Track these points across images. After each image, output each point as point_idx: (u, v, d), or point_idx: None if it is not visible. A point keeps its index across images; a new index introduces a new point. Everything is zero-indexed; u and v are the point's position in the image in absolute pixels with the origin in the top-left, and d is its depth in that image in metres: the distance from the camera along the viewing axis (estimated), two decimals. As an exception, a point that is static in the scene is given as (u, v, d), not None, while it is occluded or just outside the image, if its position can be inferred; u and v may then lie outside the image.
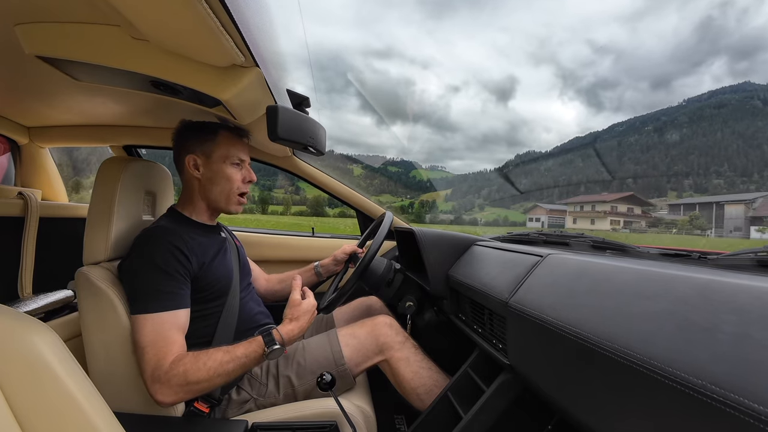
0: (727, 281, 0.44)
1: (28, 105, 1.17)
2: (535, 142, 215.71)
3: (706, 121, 75.93)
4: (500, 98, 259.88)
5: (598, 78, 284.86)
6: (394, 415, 1.26)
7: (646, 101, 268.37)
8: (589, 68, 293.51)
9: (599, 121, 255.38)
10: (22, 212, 1.37)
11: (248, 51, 0.64)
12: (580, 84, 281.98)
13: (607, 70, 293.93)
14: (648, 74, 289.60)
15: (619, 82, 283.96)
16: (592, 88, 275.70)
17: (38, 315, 1.11)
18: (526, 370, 0.71)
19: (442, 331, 1.29)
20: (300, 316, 0.91)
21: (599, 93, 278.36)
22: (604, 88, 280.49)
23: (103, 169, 0.94)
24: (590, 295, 0.59)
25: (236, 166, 1.02)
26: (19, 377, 0.44)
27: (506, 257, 0.95)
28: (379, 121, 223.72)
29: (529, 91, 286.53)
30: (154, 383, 0.78)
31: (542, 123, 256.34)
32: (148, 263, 0.86)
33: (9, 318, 0.46)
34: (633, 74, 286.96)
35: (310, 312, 0.94)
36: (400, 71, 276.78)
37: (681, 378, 0.38)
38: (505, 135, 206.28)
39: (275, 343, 0.84)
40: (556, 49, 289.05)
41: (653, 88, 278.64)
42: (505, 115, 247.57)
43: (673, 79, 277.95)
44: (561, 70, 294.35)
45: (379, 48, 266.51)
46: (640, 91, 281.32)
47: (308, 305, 0.94)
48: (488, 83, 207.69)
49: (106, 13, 0.61)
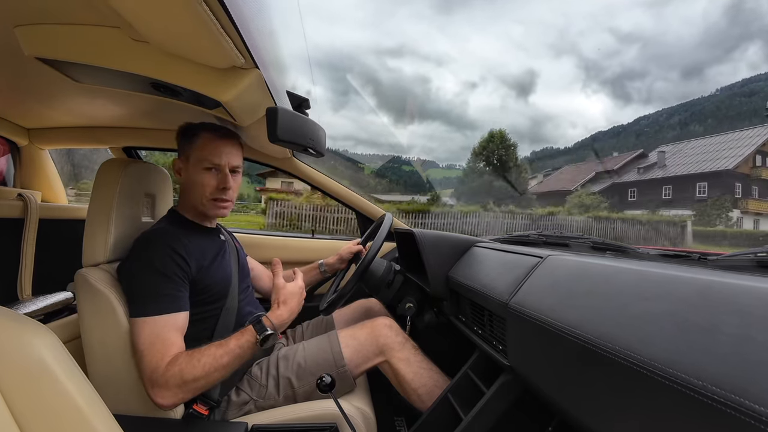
0: (728, 282, 0.44)
1: (28, 107, 1.17)
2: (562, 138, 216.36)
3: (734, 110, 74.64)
4: (520, 93, 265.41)
5: (624, 68, 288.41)
6: (394, 417, 1.26)
7: (678, 92, 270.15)
8: (613, 58, 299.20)
9: (628, 113, 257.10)
10: (22, 214, 1.37)
11: (248, 53, 0.64)
12: (605, 75, 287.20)
13: (633, 60, 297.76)
14: (678, 62, 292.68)
15: (648, 72, 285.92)
16: (617, 79, 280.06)
17: (37, 317, 1.10)
18: (527, 371, 0.71)
19: (441, 333, 1.29)
20: (287, 299, 0.90)
21: (626, 84, 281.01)
22: (631, 79, 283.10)
23: (102, 170, 0.94)
24: (590, 297, 0.59)
25: (208, 170, 0.96)
26: (19, 379, 0.43)
27: (506, 258, 0.95)
28: (397, 120, 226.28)
29: (550, 85, 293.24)
30: (153, 386, 0.78)
31: (567, 118, 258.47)
32: (147, 266, 0.85)
33: (8, 320, 0.46)
34: (662, 63, 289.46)
35: (297, 294, 0.92)
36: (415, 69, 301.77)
37: (682, 379, 0.38)
38: (527, 131, 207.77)
39: (266, 330, 0.83)
40: (576, 39, 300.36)
41: (684, 77, 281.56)
42: (527, 111, 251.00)
43: (706, 67, 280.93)
44: (583, 61, 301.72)
45: (392, 46, 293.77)
46: (671, 81, 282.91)
47: (294, 287, 0.93)
48: (506, 78, 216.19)
49: (106, 15, 0.61)
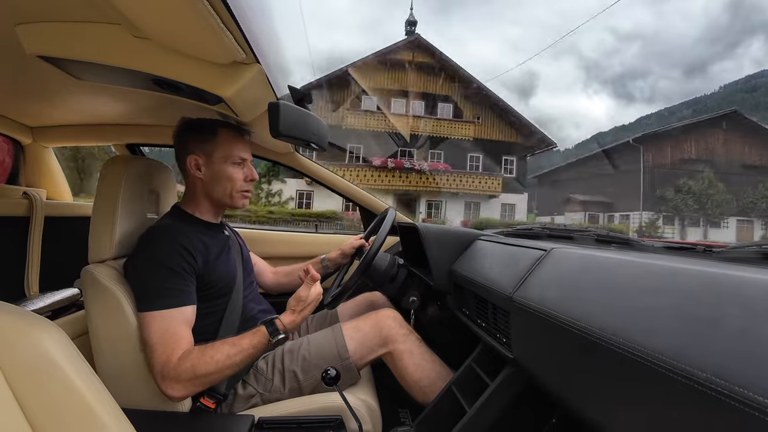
0: (733, 274, 0.44)
1: (31, 105, 1.17)
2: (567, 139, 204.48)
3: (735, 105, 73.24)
4: (521, 96, 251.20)
5: (625, 67, 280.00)
6: (399, 409, 1.27)
7: (682, 90, 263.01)
8: (613, 57, 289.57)
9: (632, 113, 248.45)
10: (28, 212, 1.38)
11: (249, 48, 0.64)
12: (605, 75, 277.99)
13: (634, 58, 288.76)
14: (680, 60, 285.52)
15: (650, 70, 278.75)
16: (619, 78, 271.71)
17: (45, 313, 1.12)
18: (530, 364, 0.71)
19: (445, 326, 1.30)
20: (303, 309, 0.92)
21: (627, 83, 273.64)
22: (632, 78, 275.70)
23: (106, 168, 0.94)
24: (595, 289, 0.59)
25: (237, 165, 1.01)
26: (27, 375, 0.44)
27: (510, 252, 0.94)
28: None
29: (551, 86, 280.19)
30: (164, 379, 0.80)
31: (570, 119, 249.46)
32: (154, 261, 0.86)
33: (16, 316, 0.47)
34: (663, 61, 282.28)
35: (313, 303, 0.95)
36: None
37: (686, 371, 0.38)
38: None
39: (279, 332, 0.87)
40: (574, 38, 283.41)
41: (687, 75, 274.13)
42: (529, 113, 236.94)
43: (709, 64, 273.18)
44: (583, 61, 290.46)
45: None
46: (673, 79, 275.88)
47: (314, 297, 0.94)
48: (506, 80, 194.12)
49: (107, 12, 0.61)
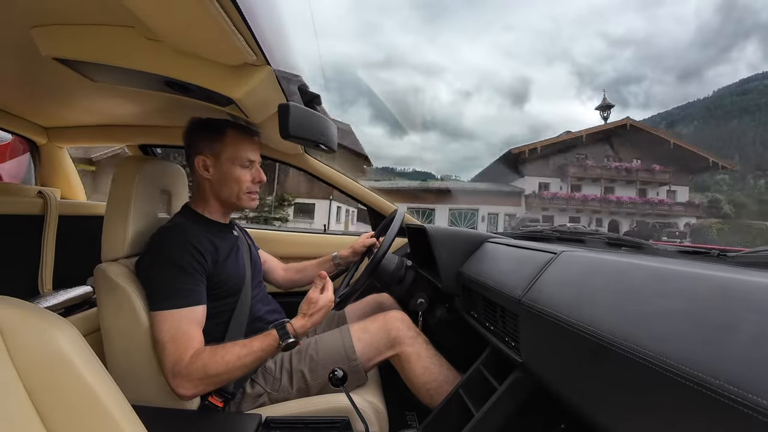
0: (747, 279, 0.43)
1: (46, 106, 1.19)
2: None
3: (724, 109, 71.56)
4: (515, 102, 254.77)
5: (618, 72, 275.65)
6: (406, 411, 1.26)
7: (677, 95, 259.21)
8: (606, 63, 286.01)
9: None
10: (42, 211, 1.41)
11: (259, 49, 0.64)
12: (599, 80, 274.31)
13: (628, 63, 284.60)
14: (674, 65, 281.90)
15: (644, 75, 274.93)
16: (612, 84, 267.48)
17: (58, 310, 1.14)
18: (539, 368, 0.70)
19: (453, 329, 1.29)
20: (314, 313, 0.92)
21: (621, 89, 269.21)
22: (626, 84, 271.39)
23: (119, 168, 0.96)
24: (605, 293, 0.58)
25: (245, 167, 1.01)
26: (40, 371, 0.45)
27: (519, 254, 0.94)
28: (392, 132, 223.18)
29: (544, 93, 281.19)
30: (175, 378, 0.81)
31: (565, 125, 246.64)
32: (165, 260, 0.87)
33: (30, 313, 0.48)
34: (657, 66, 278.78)
35: (325, 308, 0.94)
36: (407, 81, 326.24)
37: (698, 378, 0.37)
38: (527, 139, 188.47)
39: (290, 336, 0.87)
40: (567, 44, 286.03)
41: (681, 79, 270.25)
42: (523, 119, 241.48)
43: (703, 69, 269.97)
44: (576, 67, 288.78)
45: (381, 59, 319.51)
46: (668, 84, 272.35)
47: (325, 302, 0.93)
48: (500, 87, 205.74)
49: (120, 15, 0.62)
